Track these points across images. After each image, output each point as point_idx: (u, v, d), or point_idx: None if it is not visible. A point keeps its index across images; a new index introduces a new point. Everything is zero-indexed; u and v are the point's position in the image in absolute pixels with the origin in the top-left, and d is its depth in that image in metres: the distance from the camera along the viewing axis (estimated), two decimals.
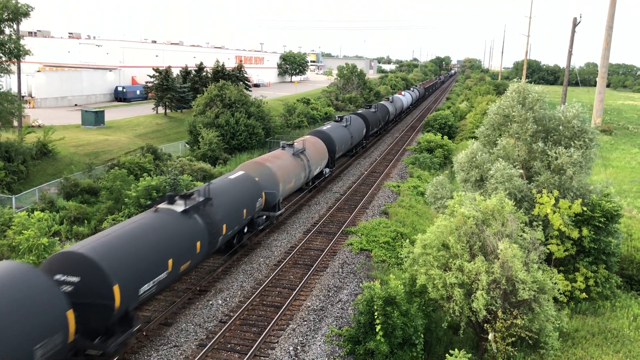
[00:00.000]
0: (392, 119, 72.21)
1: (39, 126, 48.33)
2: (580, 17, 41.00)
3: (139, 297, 16.42)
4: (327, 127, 43.11)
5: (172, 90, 64.22)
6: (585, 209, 20.82)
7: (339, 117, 47.51)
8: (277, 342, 18.33)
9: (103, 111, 56.06)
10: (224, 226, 21.94)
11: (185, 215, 19.43)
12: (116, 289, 15.17)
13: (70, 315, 13.77)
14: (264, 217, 28.00)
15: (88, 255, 15.06)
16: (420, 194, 38.06)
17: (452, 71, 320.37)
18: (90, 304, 14.97)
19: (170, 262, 17.80)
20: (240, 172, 26.74)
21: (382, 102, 69.12)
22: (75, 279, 14.90)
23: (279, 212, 28.61)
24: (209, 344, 17.71)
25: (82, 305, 14.70)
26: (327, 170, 39.74)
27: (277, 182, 27.98)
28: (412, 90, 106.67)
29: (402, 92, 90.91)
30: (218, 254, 24.80)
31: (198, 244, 19.60)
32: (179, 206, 19.64)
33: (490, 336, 16.38)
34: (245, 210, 24.29)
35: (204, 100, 53.00)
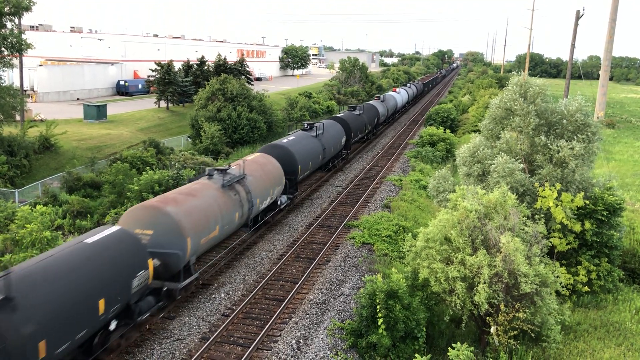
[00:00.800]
0: (382, 121, 63.04)
1: (41, 120, 48.38)
2: (584, 9, 40.83)
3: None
4: (288, 139, 33.15)
5: (174, 84, 64.19)
6: (587, 202, 20.79)
7: (308, 124, 36.97)
8: (280, 335, 18.39)
9: (105, 105, 56.07)
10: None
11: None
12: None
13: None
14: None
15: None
16: (422, 187, 38.04)
17: (455, 64, 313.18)
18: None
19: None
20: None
21: (370, 102, 59.33)
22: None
23: (183, 285, 19.11)
24: (212, 338, 17.78)
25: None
26: (285, 198, 30.13)
27: (182, 236, 18.53)
28: (409, 87, 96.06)
29: (397, 89, 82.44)
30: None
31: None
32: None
33: (493, 329, 16.41)
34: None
35: (205, 94, 52.98)
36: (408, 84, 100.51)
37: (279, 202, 29.47)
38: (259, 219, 27.20)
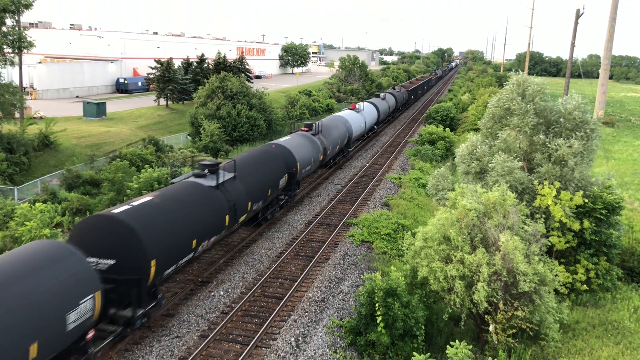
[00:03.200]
0: (298, 178, 31.26)
1: (41, 118, 48.33)
2: (584, 8, 40.85)
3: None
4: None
5: (173, 81, 64.14)
6: (586, 200, 20.80)
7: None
8: (279, 333, 18.42)
9: (104, 103, 56.03)
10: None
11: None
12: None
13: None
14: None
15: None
16: (421, 185, 38.06)
17: (453, 63, 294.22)
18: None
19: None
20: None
21: (282, 142, 31.00)
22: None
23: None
24: (211, 335, 17.80)
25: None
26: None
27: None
28: (383, 98, 65.79)
29: (359, 105, 54.55)
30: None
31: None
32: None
33: (491, 328, 16.43)
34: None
35: (205, 92, 52.94)
36: (383, 94, 68.25)
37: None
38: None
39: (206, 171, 21.92)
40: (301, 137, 33.66)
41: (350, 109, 50.76)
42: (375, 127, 59.28)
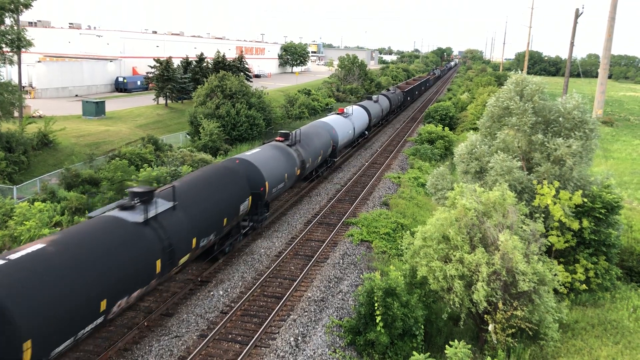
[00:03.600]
0: (267, 199, 27.20)
1: (40, 117, 48.31)
2: (583, 8, 40.87)
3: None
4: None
5: (172, 80, 64.12)
6: (585, 200, 20.80)
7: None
8: (278, 332, 18.41)
9: (104, 102, 56.02)
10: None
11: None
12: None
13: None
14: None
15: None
16: (420, 185, 38.06)
17: (452, 62, 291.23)
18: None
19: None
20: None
21: (248, 156, 26.70)
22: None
23: None
24: (210, 335, 17.79)
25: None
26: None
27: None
28: (376, 101, 60.05)
29: (348, 109, 48.87)
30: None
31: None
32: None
33: (490, 327, 16.44)
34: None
35: (204, 91, 52.93)
36: (375, 96, 61.93)
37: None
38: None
39: (135, 201, 17.06)
40: (273, 150, 28.79)
41: (338, 114, 46.43)
42: (367, 132, 54.50)
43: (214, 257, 23.17)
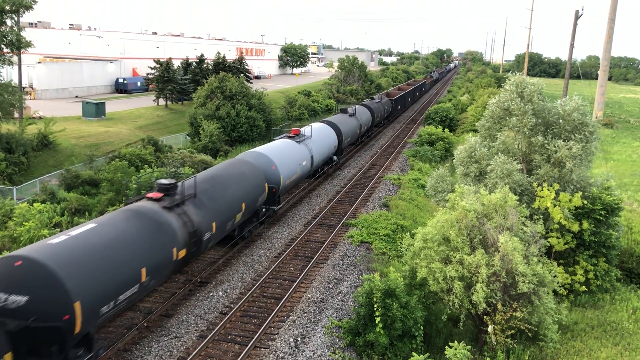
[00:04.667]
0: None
1: (40, 117, 48.32)
2: (583, 9, 40.93)
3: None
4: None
5: (172, 82, 64.12)
6: (585, 202, 20.82)
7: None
8: (278, 333, 18.41)
9: (104, 103, 56.01)
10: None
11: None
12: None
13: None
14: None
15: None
16: (420, 186, 38.07)
17: (452, 64, 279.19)
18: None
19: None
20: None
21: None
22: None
23: None
24: (210, 335, 17.79)
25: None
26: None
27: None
28: (352, 114, 48.28)
29: (305, 129, 36.65)
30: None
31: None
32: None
33: (490, 328, 16.44)
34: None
35: (204, 92, 52.95)
36: (351, 108, 49.83)
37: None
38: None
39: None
40: (123, 224, 17.39)
41: (289, 137, 33.44)
42: (335, 157, 41.91)
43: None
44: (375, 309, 16.87)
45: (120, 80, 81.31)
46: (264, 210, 28.06)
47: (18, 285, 13.15)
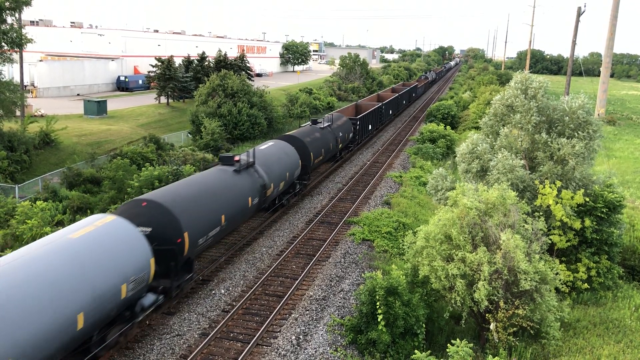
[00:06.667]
0: None
1: (42, 116, 48.37)
2: (585, 6, 40.77)
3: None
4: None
5: (174, 80, 64.13)
6: (587, 199, 20.79)
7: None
8: (280, 331, 18.42)
9: (105, 101, 56.04)
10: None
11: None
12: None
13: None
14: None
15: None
16: (422, 184, 38.03)
17: (453, 62, 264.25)
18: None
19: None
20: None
21: None
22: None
23: None
24: (212, 333, 17.80)
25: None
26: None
27: None
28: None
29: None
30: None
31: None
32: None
33: (492, 326, 16.43)
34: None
35: (206, 90, 52.94)
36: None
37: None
38: None
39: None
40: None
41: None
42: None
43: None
44: (377, 306, 16.86)
45: (122, 78, 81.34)
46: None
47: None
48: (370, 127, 53.78)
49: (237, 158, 25.18)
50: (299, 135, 33.65)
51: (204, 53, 75.67)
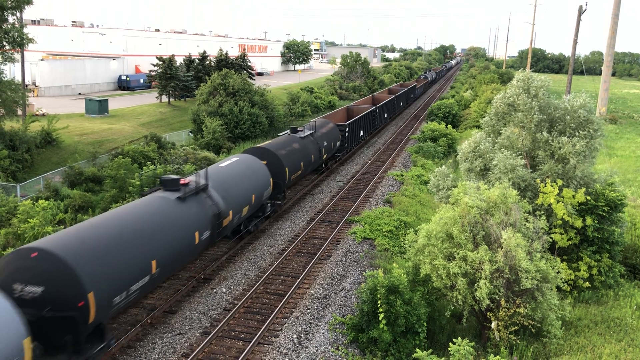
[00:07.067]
0: None
1: (43, 115, 48.40)
2: (586, 5, 40.70)
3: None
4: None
5: (175, 79, 64.15)
6: (589, 198, 20.76)
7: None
8: (281, 330, 18.44)
9: (107, 100, 56.06)
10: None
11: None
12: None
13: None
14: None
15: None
16: (423, 183, 38.01)
17: (454, 61, 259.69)
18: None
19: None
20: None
21: None
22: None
23: None
24: (213, 332, 17.83)
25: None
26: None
27: None
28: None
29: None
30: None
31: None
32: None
33: (493, 325, 16.43)
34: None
35: (207, 89, 52.95)
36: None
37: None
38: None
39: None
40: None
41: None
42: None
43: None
44: (378, 305, 16.86)
45: (123, 78, 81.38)
46: None
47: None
48: (362, 133, 49.20)
49: (184, 181, 19.99)
50: (272, 148, 28.82)
51: (205, 52, 75.67)
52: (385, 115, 62.80)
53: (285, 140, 31.50)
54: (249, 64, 80.00)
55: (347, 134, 42.74)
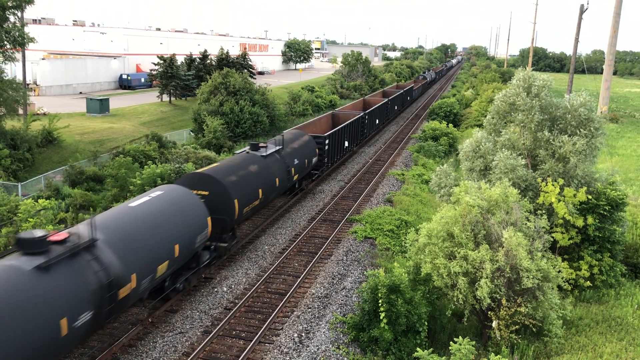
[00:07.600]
0: None
1: (44, 114, 48.42)
2: (588, 4, 40.62)
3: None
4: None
5: (176, 78, 64.16)
6: (590, 197, 20.74)
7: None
8: (282, 329, 18.45)
9: (108, 99, 56.08)
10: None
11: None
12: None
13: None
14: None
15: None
16: (424, 182, 38.01)
17: (454, 60, 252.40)
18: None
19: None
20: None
21: None
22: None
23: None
24: (214, 331, 17.84)
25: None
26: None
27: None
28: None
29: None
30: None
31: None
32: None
33: (494, 324, 16.43)
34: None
35: (208, 88, 52.94)
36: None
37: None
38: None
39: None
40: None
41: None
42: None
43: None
44: (379, 304, 16.87)
45: (124, 77, 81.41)
46: None
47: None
48: (347, 144, 42.23)
49: (57, 236, 13.77)
50: (216, 174, 22.27)
51: (206, 51, 75.67)
52: (377, 122, 56.10)
53: (239, 162, 24.86)
54: (249, 63, 79.99)
55: (326, 147, 36.28)
